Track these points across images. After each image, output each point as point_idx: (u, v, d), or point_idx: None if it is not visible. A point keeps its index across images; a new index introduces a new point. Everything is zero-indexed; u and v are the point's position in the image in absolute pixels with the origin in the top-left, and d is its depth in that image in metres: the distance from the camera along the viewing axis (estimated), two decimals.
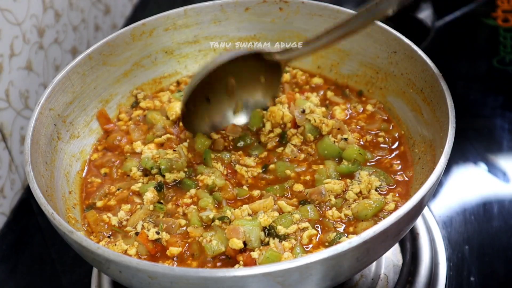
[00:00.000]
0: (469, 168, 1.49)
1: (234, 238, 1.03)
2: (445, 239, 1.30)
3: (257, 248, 1.04)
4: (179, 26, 1.40)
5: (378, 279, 1.20)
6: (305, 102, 1.27)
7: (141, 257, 1.06)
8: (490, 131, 1.56)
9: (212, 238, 1.05)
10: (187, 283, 0.88)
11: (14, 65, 1.40)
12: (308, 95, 1.33)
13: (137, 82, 1.39)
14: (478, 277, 1.24)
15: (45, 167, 1.13)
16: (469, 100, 1.64)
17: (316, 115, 1.24)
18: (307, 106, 1.25)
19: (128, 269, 0.90)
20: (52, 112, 1.21)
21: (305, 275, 0.88)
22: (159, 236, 1.07)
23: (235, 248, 1.03)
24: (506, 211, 1.36)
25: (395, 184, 1.15)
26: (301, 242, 1.05)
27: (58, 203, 1.12)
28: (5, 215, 1.42)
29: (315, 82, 1.40)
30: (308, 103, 1.26)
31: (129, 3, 2.06)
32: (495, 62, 1.74)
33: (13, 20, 1.38)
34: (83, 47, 1.71)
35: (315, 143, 1.23)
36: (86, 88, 1.30)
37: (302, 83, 1.40)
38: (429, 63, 1.17)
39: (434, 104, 1.16)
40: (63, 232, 0.96)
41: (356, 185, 1.13)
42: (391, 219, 0.90)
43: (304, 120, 1.24)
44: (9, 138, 1.41)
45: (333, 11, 1.34)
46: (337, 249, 0.87)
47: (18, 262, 1.36)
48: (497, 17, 1.85)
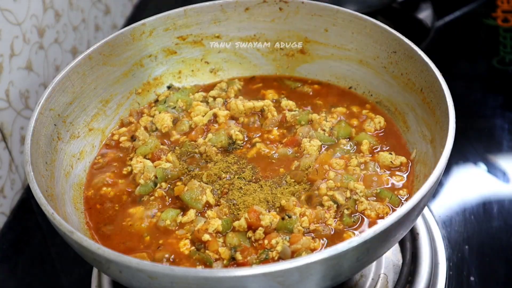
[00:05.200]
0: (469, 168, 1.49)
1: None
2: (445, 239, 1.30)
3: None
4: (179, 26, 1.40)
5: (378, 279, 1.20)
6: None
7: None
8: (490, 131, 1.56)
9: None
10: (187, 283, 0.88)
11: (14, 65, 1.40)
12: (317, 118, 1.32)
13: (137, 82, 1.39)
14: (478, 277, 1.24)
15: (45, 167, 1.13)
16: (469, 100, 1.64)
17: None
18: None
19: (128, 269, 0.90)
20: (52, 112, 1.21)
21: (305, 275, 0.88)
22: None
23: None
24: (506, 211, 1.36)
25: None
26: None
27: (58, 203, 1.12)
28: (5, 215, 1.42)
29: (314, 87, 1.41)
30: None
31: (129, 3, 2.06)
32: (495, 62, 1.74)
33: (13, 20, 1.38)
34: (83, 47, 1.72)
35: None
36: (86, 88, 1.29)
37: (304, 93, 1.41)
38: (429, 63, 1.17)
39: (434, 104, 1.16)
40: (63, 232, 0.96)
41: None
42: (391, 219, 0.90)
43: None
44: (9, 138, 1.41)
45: (333, 11, 1.34)
46: (337, 249, 0.87)
47: (18, 262, 1.36)
48: (497, 17, 1.85)
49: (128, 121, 1.36)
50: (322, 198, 1.13)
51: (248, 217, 1.08)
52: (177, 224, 1.13)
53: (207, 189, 1.16)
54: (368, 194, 1.14)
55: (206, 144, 1.26)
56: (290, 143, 1.25)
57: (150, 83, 1.42)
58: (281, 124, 1.30)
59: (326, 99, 1.37)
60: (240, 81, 1.44)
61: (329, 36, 1.37)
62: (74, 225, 1.11)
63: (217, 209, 1.13)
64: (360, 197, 1.12)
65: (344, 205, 1.11)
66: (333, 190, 1.14)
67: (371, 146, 1.24)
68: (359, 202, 1.12)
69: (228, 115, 1.33)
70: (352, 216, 1.10)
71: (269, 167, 1.22)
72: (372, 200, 1.13)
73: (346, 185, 1.15)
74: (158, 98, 1.41)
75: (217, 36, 1.43)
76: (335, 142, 1.25)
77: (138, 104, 1.40)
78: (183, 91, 1.41)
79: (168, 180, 1.20)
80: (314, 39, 1.40)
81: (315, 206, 1.12)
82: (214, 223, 1.08)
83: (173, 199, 1.17)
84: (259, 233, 1.07)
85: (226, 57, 1.45)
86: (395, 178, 1.17)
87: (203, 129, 1.31)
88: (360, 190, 1.13)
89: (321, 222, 1.10)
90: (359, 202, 1.12)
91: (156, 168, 1.20)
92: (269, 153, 1.24)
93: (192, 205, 1.14)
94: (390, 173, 1.18)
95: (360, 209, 1.11)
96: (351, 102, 1.35)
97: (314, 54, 1.41)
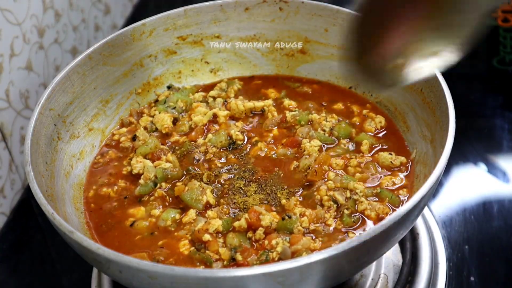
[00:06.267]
0: (469, 168, 1.49)
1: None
2: (445, 239, 1.30)
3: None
4: (179, 26, 1.40)
5: (378, 279, 1.20)
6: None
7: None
8: (490, 131, 1.56)
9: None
10: (187, 283, 0.88)
11: (14, 65, 1.40)
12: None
13: (137, 82, 1.39)
14: (478, 277, 1.24)
15: (45, 167, 1.14)
16: (469, 100, 1.64)
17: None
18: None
19: (128, 269, 0.90)
20: (52, 112, 1.21)
21: (305, 275, 0.88)
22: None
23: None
24: (506, 211, 1.36)
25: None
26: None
27: (58, 203, 1.12)
28: (5, 215, 1.42)
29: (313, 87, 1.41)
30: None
31: (129, 3, 2.06)
32: (495, 62, 1.74)
33: (13, 20, 1.38)
34: (83, 47, 1.72)
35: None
36: (86, 88, 1.30)
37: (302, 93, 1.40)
38: None
39: (434, 104, 1.16)
40: (63, 232, 0.96)
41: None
42: (391, 219, 0.90)
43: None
44: (9, 138, 1.41)
45: (333, 11, 1.34)
46: (337, 249, 0.87)
47: (18, 262, 1.36)
48: (497, 17, 1.84)
49: (128, 121, 1.36)
50: (322, 198, 1.13)
51: (249, 217, 1.08)
52: (177, 224, 1.13)
53: (207, 189, 1.16)
54: (368, 194, 1.14)
55: (206, 144, 1.26)
56: (290, 143, 1.25)
57: (150, 83, 1.42)
58: (281, 124, 1.30)
59: (325, 98, 1.37)
60: (240, 81, 1.44)
61: (329, 36, 1.38)
62: (74, 225, 1.11)
63: (217, 209, 1.13)
64: (360, 197, 1.12)
65: (344, 205, 1.11)
66: (333, 190, 1.14)
67: (371, 146, 1.24)
68: (359, 202, 1.12)
69: (228, 115, 1.33)
70: (352, 216, 1.10)
71: (269, 167, 1.22)
72: (372, 200, 1.13)
73: (346, 185, 1.15)
74: (158, 98, 1.41)
75: (217, 36, 1.43)
76: (336, 142, 1.25)
77: (138, 104, 1.40)
78: (183, 91, 1.41)
79: (168, 180, 1.20)
80: (314, 39, 1.40)
81: (315, 206, 1.12)
82: (214, 223, 1.08)
83: (173, 199, 1.17)
84: (259, 233, 1.07)
85: (226, 57, 1.45)
86: (395, 178, 1.17)
87: (203, 129, 1.31)
88: (360, 190, 1.13)
89: (321, 222, 1.10)
90: (359, 202, 1.12)
91: (156, 168, 1.20)
92: (269, 153, 1.24)
93: (193, 205, 1.14)
94: (391, 174, 1.18)
95: (360, 209, 1.11)
96: (351, 101, 1.35)
97: (314, 54, 1.41)
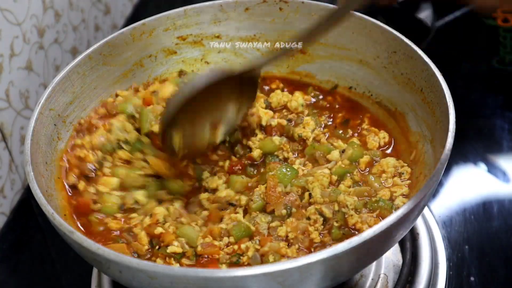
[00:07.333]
0: (469, 168, 1.49)
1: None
2: (445, 239, 1.30)
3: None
4: (179, 26, 1.40)
5: (378, 279, 1.20)
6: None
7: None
8: (490, 131, 1.56)
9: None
10: (187, 283, 0.88)
11: (14, 65, 1.40)
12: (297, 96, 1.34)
13: (137, 82, 1.39)
14: (478, 277, 1.24)
15: (45, 167, 1.14)
16: (469, 100, 1.64)
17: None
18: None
19: (128, 269, 0.90)
20: (52, 112, 1.21)
21: (305, 275, 0.88)
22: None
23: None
24: (506, 211, 1.36)
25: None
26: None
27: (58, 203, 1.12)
28: (5, 215, 1.42)
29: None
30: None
31: (129, 3, 2.06)
32: (495, 62, 1.74)
33: (13, 20, 1.38)
34: (83, 47, 1.72)
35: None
36: (86, 88, 1.29)
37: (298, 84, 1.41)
38: (429, 63, 1.17)
39: (434, 104, 1.16)
40: (63, 232, 0.96)
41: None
42: (391, 219, 0.90)
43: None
44: (9, 138, 1.41)
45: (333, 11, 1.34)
46: (337, 249, 0.87)
47: (18, 262, 1.36)
48: (497, 17, 1.84)
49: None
50: (309, 211, 1.09)
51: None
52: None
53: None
54: (359, 207, 1.09)
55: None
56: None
57: (150, 83, 1.41)
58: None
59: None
60: None
61: (329, 36, 1.37)
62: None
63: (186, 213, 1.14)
64: (349, 211, 1.08)
65: (332, 219, 1.07)
66: (320, 204, 1.10)
67: (370, 161, 1.21)
68: (348, 216, 1.07)
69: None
70: (341, 228, 1.07)
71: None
72: (365, 212, 1.09)
73: (335, 198, 1.10)
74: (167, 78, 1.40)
75: (217, 36, 1.43)
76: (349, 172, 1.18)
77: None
78: None
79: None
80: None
81: (302, 218, 1.09)
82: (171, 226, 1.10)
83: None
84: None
85: (226, 57, 1.45)
86: (395, 178, 1.17)
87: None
88: (350, 203, 1.09)
89: (303, 233, 1.06)
90: (348, 216, 1.07)
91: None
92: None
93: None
94: (392, 180, 1.16)
95: (351, 222, 1.07)
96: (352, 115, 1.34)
97: (314, 54, 1.41)
